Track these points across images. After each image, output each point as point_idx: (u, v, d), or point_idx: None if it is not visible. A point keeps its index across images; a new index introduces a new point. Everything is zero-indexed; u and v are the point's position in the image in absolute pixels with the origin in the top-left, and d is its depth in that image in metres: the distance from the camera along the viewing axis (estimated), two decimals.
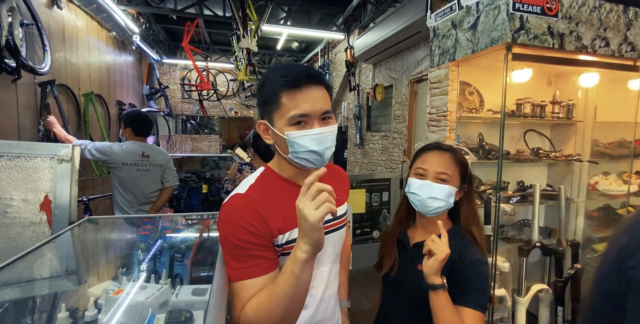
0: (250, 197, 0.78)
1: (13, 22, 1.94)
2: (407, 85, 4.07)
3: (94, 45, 3.51)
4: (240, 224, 0.73)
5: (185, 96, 7.17)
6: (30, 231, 1.25)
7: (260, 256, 0.74)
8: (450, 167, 1.00)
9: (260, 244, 0.74)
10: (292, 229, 0.78)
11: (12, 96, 2.17)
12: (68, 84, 2.87)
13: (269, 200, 0.79)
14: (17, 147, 1.29)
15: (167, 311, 0.83)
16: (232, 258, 0.74)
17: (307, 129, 0.74)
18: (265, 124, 0.80)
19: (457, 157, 1.03)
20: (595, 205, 2.26)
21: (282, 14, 5.33)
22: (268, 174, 0.85)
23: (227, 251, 0.75)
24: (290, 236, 0.78)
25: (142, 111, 3.40)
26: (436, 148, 1.05)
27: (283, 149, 0.78)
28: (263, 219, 0.75)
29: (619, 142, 2.22)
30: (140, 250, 1.28)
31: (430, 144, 1.09)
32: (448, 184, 0.99)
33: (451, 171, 1.00)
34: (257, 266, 0.74)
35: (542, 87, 2.23)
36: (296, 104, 0.73)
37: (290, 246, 0.78)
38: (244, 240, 0.73)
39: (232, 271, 0.74)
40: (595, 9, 1.62)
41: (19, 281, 0.96)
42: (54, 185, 1.28)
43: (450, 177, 1.00)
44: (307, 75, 0.74)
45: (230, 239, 0.73)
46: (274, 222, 0.76)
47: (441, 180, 1.00)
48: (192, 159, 6.33)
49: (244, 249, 0.73)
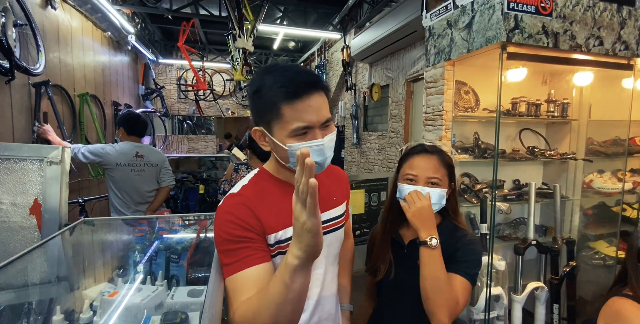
0: (241, 195, 0.78)
1: (6, 23, 1.92)
2: (404, 84, 4.08)
3: (89, 46, 3.49)
4: (231, 219, 0.73)
5: (182, 96, 7.14)
6: (20, 236, 1.23)
7: (252, 247, 0.73)
8: (439, 171, 1.01)
9: (252, 238, 0.73)
10: (285, 228, 0.77)
11: (6, 97, 2.15)
12: (63, 84, 2.85)
13: (261, 198, 0.79)
14: (5, 149, 1.26)
15: (163, 313, 0.83)
16: (225, 254, 0.73)
17: (309, 139, 0.72)
18: (262, 131, 0.76)
19: (444, 159, 1.03)
20: (590, 203, 2.27)
21: (278, 13, 5.31)
22: (262, 175, 0.85)
23: (220, 249, 0.74)
24: (284, 236, 0.77)
25: (136, 111, 3.39)
26: (422, 151, 1.04)
27: (283, 158, 0.77)
28: (255, 216, 0.75)
29: (613, 141, 2.24)
30: (136, 251, 1.28)
31: (416, 147, 1.07)
32: (440, 187, 1.00)
33: (441, 174, 1.01)
34: (248, 257, 0.71)
35: (537, 86, 2.24)
36: (298, 116, 0.70)
37: (282, 245, 0.78)
38: (235, 235, 0.72)
39: (225, 267, 0.73)
40: (589, 8, 1.63)
41: (11, 286, 0.95)
42: (44, 188, 1.25)
43: (441, 180, 1.01)
44: (307, 83, 0.70)
45: (222, 236, 0.73)
46: (265, 219, 0.76)
47: (432, 184, 1.00)
48: (189, 159, 6.31)
49: (235, 243, 0.72)
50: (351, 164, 5.74)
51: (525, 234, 1.92)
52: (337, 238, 0.92)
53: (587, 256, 2.25)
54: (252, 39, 3.88)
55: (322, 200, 0.84)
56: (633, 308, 0.95)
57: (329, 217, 0.89)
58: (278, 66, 0.75)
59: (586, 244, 2.27)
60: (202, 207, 4.99)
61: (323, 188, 0.88)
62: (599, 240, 2.26)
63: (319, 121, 0.72)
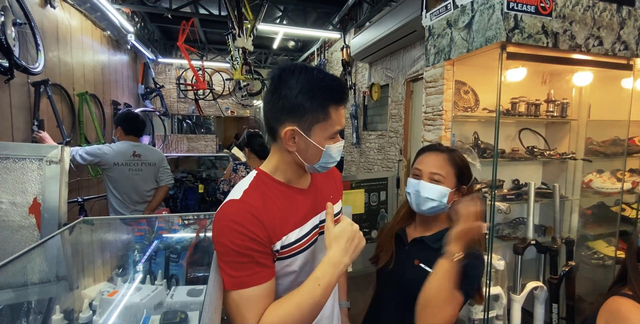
0: (245, 202, 0.75)
1: (6, 22, 1.92)
2: (403, 84, 4.08)
3: (88, 45, 3.48)
4: (238, 229, 0.71)
5: (181, 96, 7.12)
6: (20, 235, 1.22)
7: (260, 263, 0.73)
8: (444, 168, 1.01)
9: (259, 250, 0.73)
10: (289, 233, 0.77)
11: (5, 96, 2.14)
12: (62, 83, 2.85)
13: (266, 205, 0.76)
14: (4, 149, 1.26)
15: (162, 312, 0.83)
16: (230, 265, 0.71)
17: (336, 141, 0.79)
18: (295, 131, 0.74)
19: (452, 158, 1.03)
20: (589, 203, 2.28)
21: (278, 13, 5.31)
22: (262, 179, 0.82)
23: (224, 258, 0.72)
24: (287, 240, 0.77)
25: (134, 111, 3.38)
26: (432, 149, 1.07)
27: (311, 159, 0.78)
28: (262, 226, 0.73)
29: (612, 141, 2.24)
30: (135, 251, 1.28)
31: (429, 145, 1.10)
32: (441, 185, 1.00)
33: (445, 172, 1.01)
34: (257, 274, 0.72)
35: (537, 86, 2.24)
36: (339, 120, 0.76)
37: (286, 250, 0.77)
38: (244, 246, 0.71)
39: (232, 278, 0.71)
40: (588, 8, 1.63)
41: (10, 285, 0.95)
42: (43, 187, 1.25)
43: (444, 177, 1.00)
44: (346, 91, 0.78)
45: (229, 246, 0.71)
46: (272, 227, 0.75)
47: (434, 180, 1.01)
48: (189, 158, 6.30)
49: (243, 256, 0.71)
50: (351, 164, 5.74)
51: (524, 234, 1.92)
52: None
53: (586, 255, 2.26)
54: (251, 38, 3.88)
55: (321, 198, 0.86)
56: (632, 307, 0.95)
57: None
58: (312, 68, 0.75)
59: (585, 244, 2.28)
60: (202, 206, 4.98)
61: (322, 188, 0.90)
62: (598, 240, 2.26)
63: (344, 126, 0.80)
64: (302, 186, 0.85)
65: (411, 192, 1.05)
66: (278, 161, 0.82)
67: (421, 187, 1.02)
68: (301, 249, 0.80)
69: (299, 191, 0.83)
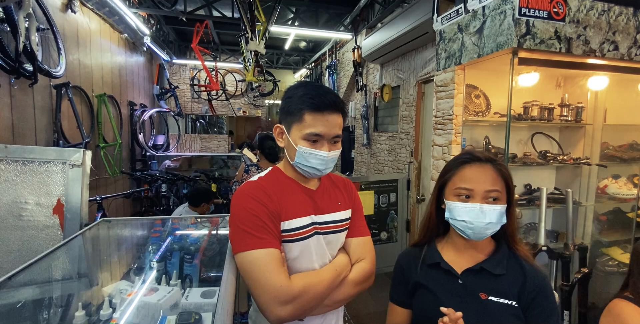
0: (260, 183, 0.89)
1: (30, 28, 2.00)
2: (415, 86, 4.06)
3: (107, 47, 3.59)
4: (255, 197, 0.84)
5: (195, 96, 7.25)
6: (44, 234, 1.30)
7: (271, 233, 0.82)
8: (498, 182, 0.84)
9: (271, 220, 0.83)
10: (292, 219, 0.87)
11: (29, 98, 2.24)
12: (82, 86, 2.95)
13: (277, 189, 0.89)
14: (31, 152, 1.34)
15: (178, 313, 0.87)
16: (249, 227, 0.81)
17: (318, 148, 0.86)
18: (282, 128, 0.91)
19: (499, 169, 0.85)
20: (604, 208, 2.23)
21: (290, 14, 5.34)
22: (275, 173, 0.95)
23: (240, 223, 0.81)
24: (290, 225, 0.86)
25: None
26: (475, 160, 0.86)
27: (290, 156, 0.90)
28: (273, 201, 0.85)
29: (629, 145, 2.19)
30: (151, 251, 1.32)
31: (467, 157, 0.88)
32: (500, 203, 0.83)
33: (500, 186, 0.84)
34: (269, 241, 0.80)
35: (550, 90, 2.21)
36: (315, 124, 0.85)
37: (288, 234, 0.86)
38: (259, 211, 0.82)
39: (248, 239, 0.80)
40: (604, 13, 1.60)
41: (36, 282, 1.01)
42: (66, 189, 1.33)
43: (501, 193, 0.84)
44: (331, 103, 0.85)
45: (247, 210, 0.82)
46: (283, 206, 0.86)
47: (492, 199, 0.83)
48: (201, 158, 6.41)
49: (258, 219, 0.81)
50: (361, 165, 5.74)
51: (536, 239, 1.90)
52: (338, 239, 0.97)
53: (601, 262, 2.21)
54: (264, 41, 3.92)
55: (328, 203, 0.90)
56: (633, 311, 0.95)
57: (332, 218, 0.95)
58: (313, 84, 0.91)
59: (600, 251, 2.24)
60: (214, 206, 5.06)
61: (329, 194, 0.94)
62: (613, 246, 2.22)
63: (329, 134, 0.86)
64: (310, 186, 0.95)
65: (467, 220, 0.83)
66: (285, 159, 0.95)
67: (482, 212, 0.82)
68: (299, 237, 0.88)
69: (305, 190, 0.93)
